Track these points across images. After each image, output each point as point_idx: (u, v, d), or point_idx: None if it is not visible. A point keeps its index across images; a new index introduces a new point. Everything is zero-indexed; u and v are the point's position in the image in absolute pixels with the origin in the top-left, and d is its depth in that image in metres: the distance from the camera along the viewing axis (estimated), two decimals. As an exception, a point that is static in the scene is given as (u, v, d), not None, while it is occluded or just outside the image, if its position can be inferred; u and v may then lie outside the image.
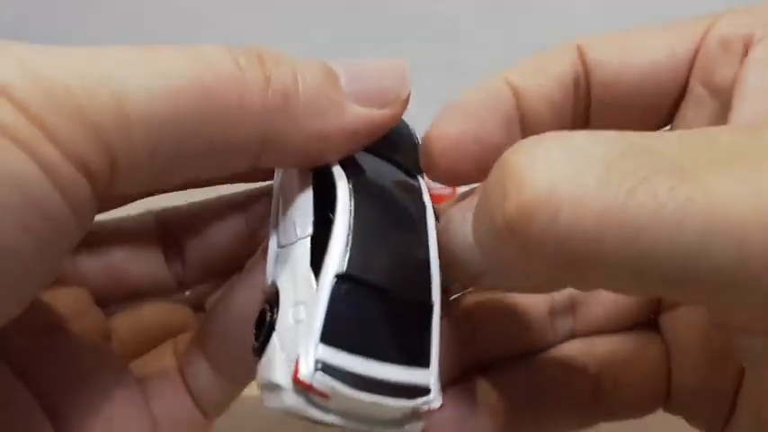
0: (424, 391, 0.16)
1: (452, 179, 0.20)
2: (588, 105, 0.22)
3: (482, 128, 0.21)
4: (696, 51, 0.21)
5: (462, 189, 0.24)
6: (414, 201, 0.20)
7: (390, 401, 0.16)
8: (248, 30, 0.94)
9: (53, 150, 0.14)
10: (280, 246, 0.19)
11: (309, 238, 0.17)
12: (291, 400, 0.16)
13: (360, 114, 0.18)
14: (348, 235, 0.17)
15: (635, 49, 0.21)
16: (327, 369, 0.15)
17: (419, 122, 1.05)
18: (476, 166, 0.19)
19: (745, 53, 0.19)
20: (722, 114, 0.19)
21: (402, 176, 0.21)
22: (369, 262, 0.17)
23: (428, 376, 0.17)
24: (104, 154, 0.15)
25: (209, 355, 0.22)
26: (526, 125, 0.22)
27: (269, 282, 0.18)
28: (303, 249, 0.17)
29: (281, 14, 0.93)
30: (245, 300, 0.20)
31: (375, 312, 0.16)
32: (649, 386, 0.24)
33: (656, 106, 0.21)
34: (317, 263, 0.16)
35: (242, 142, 0.16)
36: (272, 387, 0.16)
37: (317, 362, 0.15)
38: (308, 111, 0.17)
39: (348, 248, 0.16)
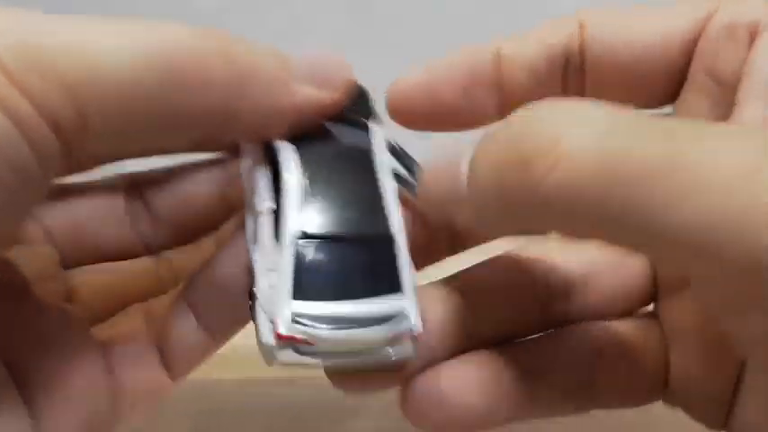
0: (400, 316, 0.18)
1: (407, 124, 0.22)
2: (583, 79, 0.23)
3: (437, 83, 0.23)
4: (697, 36, 0.21)
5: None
6: (359, 147, 0.22)
7: (368, 332, 0.18)
8: (247, 30, 0.93)
9: (25, 104, 0.15)
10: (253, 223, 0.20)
11: (271, 211, 0.19)
12: (282, 355, 0.18)
13: (308, 94, 0.20)
14: (299, 198, 0.19)
15: (634, 27, 0.22)
16: (302, 320, 0.17)
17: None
18: (425, 118, 0.21)
19: (751, 41, 0.19)
20: (724, 103, 0.20)
21: (348, 128, 0.24)
22: (321, 216, 0.19)
23: (401, 301, 0.19)
24: (75, 111, 0.16)
25: (198, 316, 0.22)
26: (504, 90, 0.23)
27: (251, 257, 0.20)
28: (267, 222, 0.19)
29: (281, 15, 0.93)
30: (229, 272, 0.21)
31: (339, 258, 0.19)
32: (647, 374, 0.24)
33: (652, 87, 0.22)
34: (278, 231, 0.19)
35: (203, 113, 0.18)
36: (266, 349, 0.18)
37: (292, 315, 0.18)
38: (262, 88, 0.19)
39: (300, 210, 0.19)
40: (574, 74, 0.23)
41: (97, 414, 0.20)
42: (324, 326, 0.17)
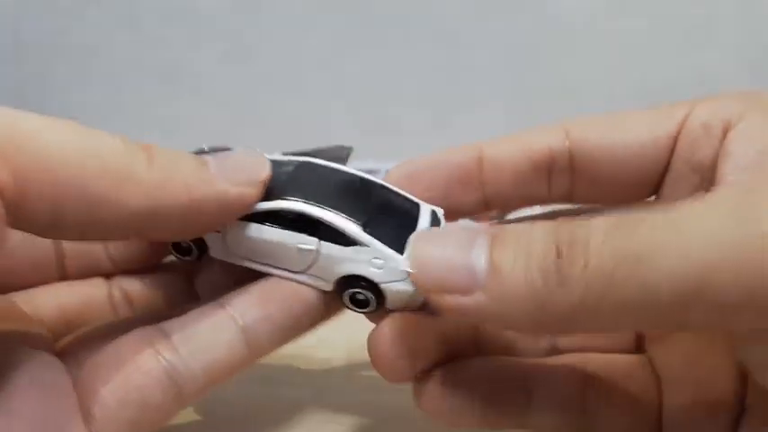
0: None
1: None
2: (572, 180, 0.24)
3: (419, 180, 0.26)
4: (678, 133, 0.23)
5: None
6: (345, 173, 0.26)
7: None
8: (247, 30, 0.94)
9: None
10: (296, 272, 0.23)
11: (319, 244, 0.23)
12: (417, 293, 0.22)
13: (227, 191, 0.21)
14: (333, 213, 0.23)
15: (620, 129, 0.24)
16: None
17: (417, 122, 1.05)
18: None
19: (725, 135, 0.22)
20: (702, 188, 0.22)
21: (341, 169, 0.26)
22: (360, 210, 0.23)
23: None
24: (15, 181, 0.18)
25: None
26: (487, 189, 0.25)
27: (330, 287, 0.23)
28: (328, 249, 0.23)
29: (280, 15, 0.93)
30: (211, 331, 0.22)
31: (391, 223, 0.23)
32: (639, 407, 0.24)
33: (639, 182, 0.24)
34: (344, 242, 0.23)
35: (129, 211, 0.19)
36: (411, 297, 0.23)
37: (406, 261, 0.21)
38: (182, 186, 0.20)
39: (343, 216, 0.23)
40: (559, 174, 0.24)
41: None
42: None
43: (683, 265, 0.15)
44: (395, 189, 0.25)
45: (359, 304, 0.24)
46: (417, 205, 0.25)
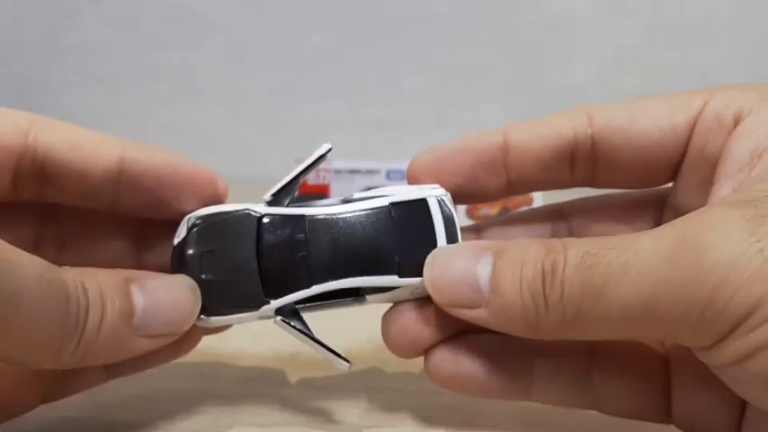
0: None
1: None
2: (593, 165, 0.25)
3: (443, 166, 0.26)
4: (695, 122, 0.23)
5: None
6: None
7: None
8: (246, 29, 0.94)
9: None
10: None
11: (365, 299, 0.24)
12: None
13: (144, 346, 0.22)
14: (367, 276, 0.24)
15: (642, 117, 0.24)
16: None
17: (415, 123, 1.05)
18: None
19: (735, 126, 0.22)
20: (709, 181, 0.22)
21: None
22: (386, 256, 0.24)
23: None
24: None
25: None
26: (510, 175, 0.26)
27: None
28: (374, 299, 0.24)
29: (280, 14, 0.93)
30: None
31: (415, 243, 0.24)
32: (645, 383, 0.24)
33: (657, 169, 0.24)
34: (386, 290, 0.24)
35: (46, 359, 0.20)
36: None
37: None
38: (104, 345, 0.21)
39: (377, 276, 0.24)
40: (582, 160, 0.25)
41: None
42: None
43: (632, 299, 0.18)
44: (401, 199, 0.25)
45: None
46: (427, 207, 0.25)
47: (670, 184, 0.26)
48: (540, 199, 0.59)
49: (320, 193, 0.62)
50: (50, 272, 0.19)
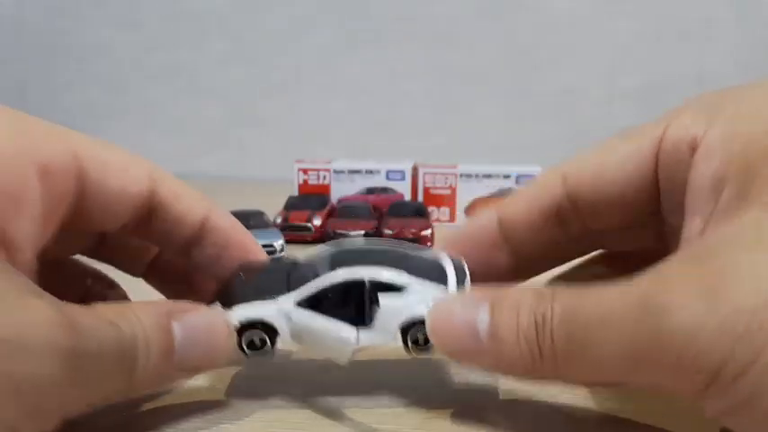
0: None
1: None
2: (580, 219, 0.27)
3: (460, 250, 0.28)
4: (657, 159, 0.24)
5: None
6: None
7: None
8: (248, 31, 0.95)
9: None
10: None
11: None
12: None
13: (181, 378, 0.24)
14: (378, 267, 0.25)
15: (607, 167, 0.25)
16: None
17: (414, 123, 1.05)
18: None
19: (692, 155, 0.23)
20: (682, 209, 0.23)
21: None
22: (402, 266, 0.25)
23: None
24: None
25: None
26: (512, 245, 0.28)
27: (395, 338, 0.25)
28: (385, 300, 0.25)
29: (281, 15, 0.94)
30: None
31: (428, 276, 0.26)
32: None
33: (640, 205, 0.25)
34: (397, 290, 0.25)
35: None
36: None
37: None
38: (147, 377, 0.22)
39: (387, 269, 0.25)
40: (568, 218, 0.27)
41: None
42: None
43: (613, 353, 0.20)
44: (419, 247, 0.28)
45: (419, 347, 0.25)
46: (441, 258, 0.27)
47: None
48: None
49: (321, 192, 0.62)
50: (109, 327, 0.20)
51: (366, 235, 0.52)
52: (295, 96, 0.94)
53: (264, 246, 0.47)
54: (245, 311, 0.24)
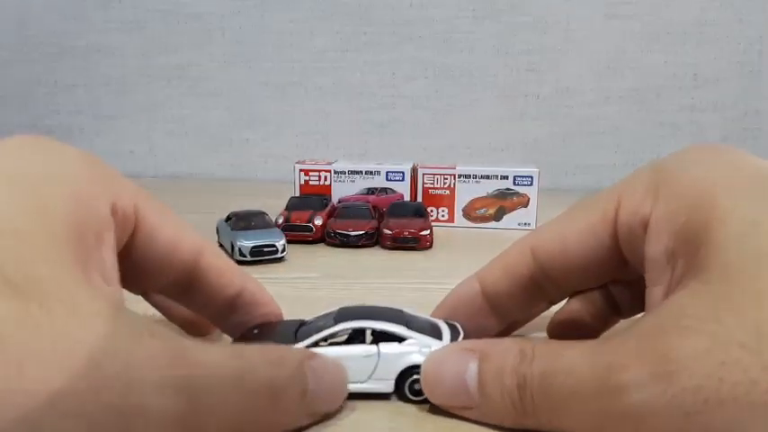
0: None
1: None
2: (554, 284, 0.29)
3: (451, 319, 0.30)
4: (615, 233, 0.26)
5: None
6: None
7: None
8: (250, 33, 0.95)
9: None
10: (362, 381, 0.27)
11: (378, 347, 0.27)
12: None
13: (302, 422, 0.24)
14: (381, 322, 0.27)
15: (570, 241, 0.28)
16: None
17: (413, 122, 1.06)
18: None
19: (645, 232, 0.24)
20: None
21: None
22: (400, 321, 0.28)
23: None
24: None
25: None
26: (494, 307, 0.30)
27: (392, 386, 0.27)
28: (385, 349, 0.27)
29: (283, 19, 0.94)
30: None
31: (425, 330, 0.28)
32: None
33: (608, 268, 0.28)
34: (397, 340, 0.27)
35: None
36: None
37: None
38: (284, 419, 0.23)
39: (389, 322, 0.27)
40: (543, 285, 0.29)
41: None
42: None
43: (583, 422, 0.21)
44: (414, 310, 0.29)
45: (416, 393, 0.26)
46: (435, 319, 0.30)
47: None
48: (535, 199, 0.61)
49: (322, 193, 0.63)
50: (236, 360, 0.21)
51: (366, 234, 0.53)
52: (296, 98, 0.95)
53: (266, 245, 0.48)
54: None
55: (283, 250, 0.48)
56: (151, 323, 0.19)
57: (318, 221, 0.54)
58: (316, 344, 0.26)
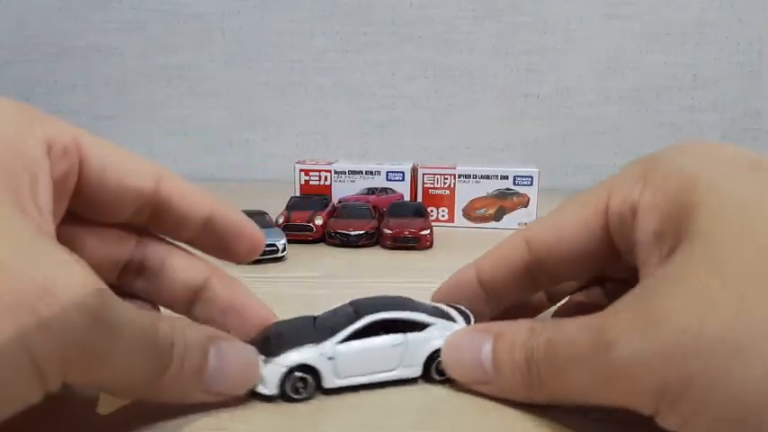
0: None
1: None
2: (548, 274, 0.30)
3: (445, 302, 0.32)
4: (606, 224, 0.27)
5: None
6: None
7: None
8: (250, 33, 0.96)
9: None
10: (392, 369, 0.28)
11: (405, 336, 0.28)
12: None
13: (199, 398, 0.24)
14: (405, 311, 0.29)
15: (564, 234, 0.29)
16: None
17: (413, 122, 1.06)
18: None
19: (634, 218, 0.26)
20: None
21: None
22: (419, 309, 0.29)
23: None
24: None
25: None
26: (489, 294, 0.32)
27: (420, 371, 0.29)
28: (413, 337, 0.28)
29: (283, 19, 0.94)
30: None
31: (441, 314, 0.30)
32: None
33: (600, 259, 0.29)
34: (421, 328, 0.29)
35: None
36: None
37: None
38: (168, 393, 0.23)
39: (412, 311, 0.29)
40: (537, 275, 0.30)
41: None
42: None
43: (583, 385, 0.23)
44: (423, 301, 0.31)
45: (441, 374, 0.28)
46: (442, 305, 0.31)
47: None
48: (535, 199, 0.61)
49: (322, 193, 0.63)
50: (147, 319, 0.22)
51: (366, 234, 0.53)
52: (296, 98, 0.95)
53: (267, 245, 0.48)
54: (292, 357, 0.26)
55: (284, 250, 0.48)
56: (76, 255, 0.20)
57: (319, 221, 0.54)
58: (348, 338, 0.27)
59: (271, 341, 0.27)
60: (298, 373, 0.26)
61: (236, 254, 0.30)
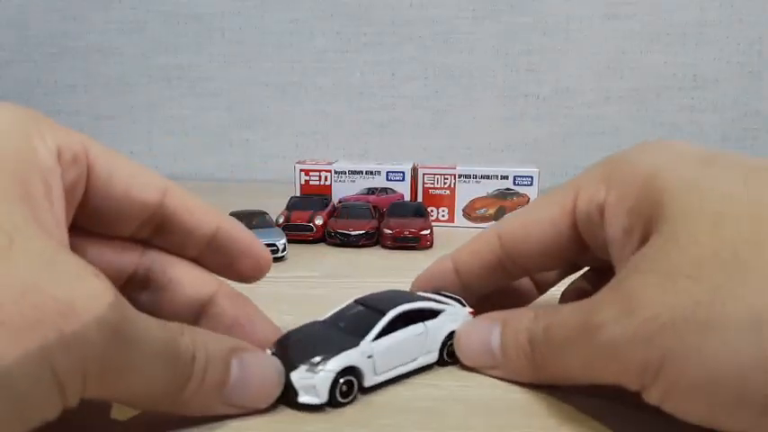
0: None
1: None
2: (520, 267, 0.32)
3: (422, 289, 0.35)
4: (575, 223, 0.29)
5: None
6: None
7: None
8: (250, 32, 0.96)
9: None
10: (417, 358, 0.30)
11: (425, 324, 0.30)
12: None
13: (222, 411, 0.24)
14: (422, 301, 0.31)
15: (532, 231, 0.31)
16: None
17: (413, 122, 1.06)
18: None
19: (602, 217, 0.27)
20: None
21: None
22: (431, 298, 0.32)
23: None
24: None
25: None
26: (464, 284, 0.34)
27: (436, 356, 0.30)
28: (432, 324, 0.30)
29: (282, 19, 0.95)
30: None
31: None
32: None
33: (569, 254, 0.31)
34: (436, 314, 0.30)
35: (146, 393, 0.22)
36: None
37: None
38: (190, 406, 0.23)
39: (427, 300, 0.31)
40: (509, 267, 0.32)
41: None
42: None
43: (580, 365, 0.24)
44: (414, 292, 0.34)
45: (450, 355, 0.30)
46: (435, 295, 0.33)
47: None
48: (535, 198, 0.61)
49: (323, 193, 0.63)
50: (168, 332, 0.22)
51: (366, 234, 0.53)
52: (296, 98, 0.95)
53: (267, 245, 0.48)
54: (336, 362, 0.25)
55: (284, 250, 0.48)
56: (93, 267, 0.20)
57: (319, 221, 0.54)
58: (379, 335, 0.27)
59: (289, 351, 0.27)
60: (345, 377, 0.26)
61: (240, 272, 0.30)
